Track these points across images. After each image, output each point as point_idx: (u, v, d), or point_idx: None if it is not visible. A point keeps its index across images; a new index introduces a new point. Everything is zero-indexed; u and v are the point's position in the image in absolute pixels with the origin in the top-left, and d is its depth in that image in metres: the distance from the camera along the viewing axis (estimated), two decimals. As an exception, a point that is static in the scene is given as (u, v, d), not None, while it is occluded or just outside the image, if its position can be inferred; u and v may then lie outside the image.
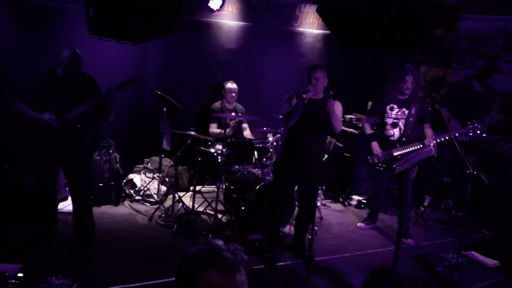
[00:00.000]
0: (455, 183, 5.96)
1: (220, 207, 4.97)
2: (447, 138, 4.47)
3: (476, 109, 5.49)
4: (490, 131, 6.04)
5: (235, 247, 1.30)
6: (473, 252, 4.65)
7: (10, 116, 3.86)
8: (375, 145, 4.82)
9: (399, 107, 4.77)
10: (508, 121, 6.02)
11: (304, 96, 3.86)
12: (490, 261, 4.49)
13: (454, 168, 5.86)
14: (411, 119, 4.72)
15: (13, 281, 2.45)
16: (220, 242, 1.31)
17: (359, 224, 5.25)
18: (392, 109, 4.80)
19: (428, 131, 4.75)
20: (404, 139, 4.73)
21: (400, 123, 4.77)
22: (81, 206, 3.97)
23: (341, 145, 6.09)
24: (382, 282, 3.55)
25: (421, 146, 4.58)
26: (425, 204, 6.03)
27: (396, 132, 4.80)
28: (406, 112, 4.74)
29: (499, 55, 6.15)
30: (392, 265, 3.65)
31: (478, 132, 4.60)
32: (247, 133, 5.79)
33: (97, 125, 4.13)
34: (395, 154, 4.71)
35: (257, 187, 4.63)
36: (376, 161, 4.81)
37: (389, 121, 4.81)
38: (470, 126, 4.58)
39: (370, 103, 6.36)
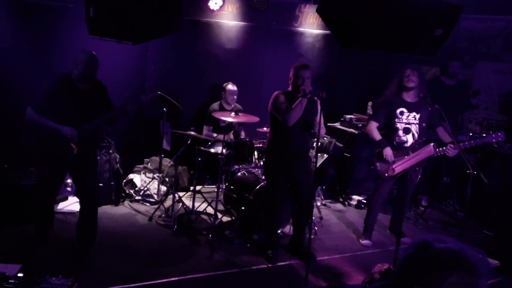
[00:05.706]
0: (455, 183, 5.95)
1: (220, 207, 4.97)
2: (467, 146, 4.22)
3: (451, 103, 5.45)
4: (490, 131, 6.03)
5: (483, 255, 1.38)
6: (473, 252, 4.64)
7: (26, 123, 3.70)
8: (389, 151, 4.41)
9: (409, 111, 4.47)
10: (508, 121, 6.01)
11: (315, 97, 3.93)
12: (490, 261, 4.48)
13: (454, 168, 5.86)
14: (424, 124, 4.50)
15: (13, 281, 2.45)
16: (468, 248, 1.37)
17: (363, 242, 4.81)
18: (402, 113, 4.47)
19: (445, 135, 4.43)
20: (417, 146, 4.40)
21: (413, 129, 4.49)
22: (90, 211, 3.96)
23: (341, 145, 6.09)
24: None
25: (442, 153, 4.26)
26: (424, 204, 6.03)
27: (409, 139, 4.49)
28: (417, 116, 4.47)
29: (499, 55, 6.15)
30: (392, 265, 3.64)
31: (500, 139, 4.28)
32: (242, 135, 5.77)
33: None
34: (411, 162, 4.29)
35: (257, 187, 4.63)
36: (387, 167, 4.43)
37: (401, 126, 4.48)
38: (493, 135, 4.29)
39: (370, 103, 6.35)
